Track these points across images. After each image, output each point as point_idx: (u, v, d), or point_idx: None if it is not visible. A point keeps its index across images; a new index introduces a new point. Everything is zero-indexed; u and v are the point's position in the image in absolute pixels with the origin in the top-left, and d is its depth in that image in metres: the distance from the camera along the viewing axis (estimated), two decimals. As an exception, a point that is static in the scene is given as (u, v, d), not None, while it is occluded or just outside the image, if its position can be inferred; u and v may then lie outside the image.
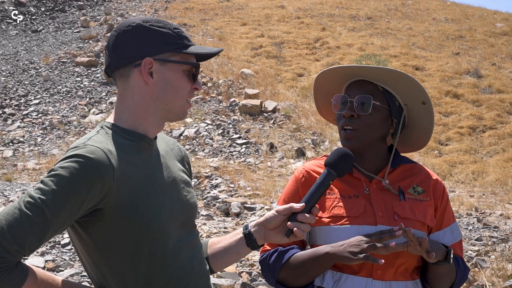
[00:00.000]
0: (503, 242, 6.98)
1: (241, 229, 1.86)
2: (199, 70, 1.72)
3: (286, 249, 1.96)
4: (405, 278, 1.94)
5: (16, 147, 12.58)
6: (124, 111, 1.68)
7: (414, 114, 2.07)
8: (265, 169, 10.48)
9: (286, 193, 2.03)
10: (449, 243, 2.00)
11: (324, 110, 2.21)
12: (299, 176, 2.04)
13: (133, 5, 23.27)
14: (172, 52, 1.66)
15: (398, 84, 2.01)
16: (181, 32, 1.70)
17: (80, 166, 1.50)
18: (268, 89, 15.42)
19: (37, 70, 16.98)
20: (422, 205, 1.98)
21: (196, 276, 1.71)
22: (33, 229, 1.45)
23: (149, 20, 1.68)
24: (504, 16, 24.60)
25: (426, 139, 2.11)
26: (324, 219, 1.95)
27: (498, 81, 16.73)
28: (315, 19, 22.92)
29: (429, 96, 2.05)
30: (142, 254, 1.60)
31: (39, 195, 1.47)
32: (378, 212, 1.93)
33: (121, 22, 1.71)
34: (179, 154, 1.84)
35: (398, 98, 2.04)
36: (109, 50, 1.67)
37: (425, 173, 2.06)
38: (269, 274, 1.98)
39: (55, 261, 5.94)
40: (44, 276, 1.54)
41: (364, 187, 1.98)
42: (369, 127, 1.97)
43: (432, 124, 2.07)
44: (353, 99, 1.98)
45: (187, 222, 1.73)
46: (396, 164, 2.04)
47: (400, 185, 2.00)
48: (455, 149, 13.34)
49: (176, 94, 1.67)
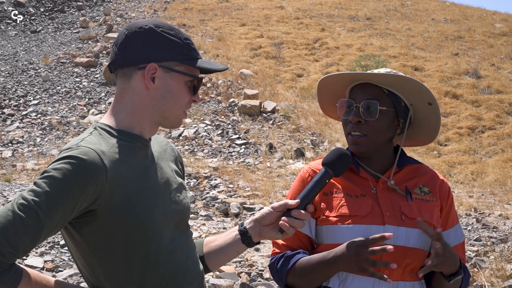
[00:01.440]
0: (502, 242, 6.98)
1: (237, 226, 1.86)
2: (201, 83, 1.73)
3: (293, 254, 1.95)
4: (412, 278, 1.93)
5: (15, 148, 12.57)
6: (121, 110, 1.68)
7: (421, 113, 2.07)
8: (264, 170, 10.47)
9: (293, 192, 2.03)
10: (453, 244, 2.00)
11: (328, 110, 2.20)
12: (305, 175, 2.04)
13: (132, 5, 23.27)
14: (178, 61, 1.66)
15: (403, 87, 2.00)
16: (191, 44, 1.70)
17: (73, 167, 1.50)
18: (267, 90, 15.42)
19: (36, 70, 16.98)
20: (429, 206, 1.98)
21: (190, 275, 1.71)
22: (27, 231, 1.46)
23: (162, 25, 1.68)
24: (503, 16, 24.61)
25: (433, 136, 2.12)
26: (331, 218, 1.94)
27: (497, 81, 16.74)
28: (314, 19, 22.92)
29: (435, 97, 2.04)
30: (135, 254, 1.61)
31: (32, 197, 1.47)
32: (386, 212, 1.93)
33: (133, 22, 1.71)
34: (172, 154, 1.84)
35: (403, 99, 2.03)
36: (117, 47, 1.67)
37: (431, 173, 2.06)
38: (278, 278, 1.98)
39: (54, 261, 5.93)
40: (38, 278, 1.54)
41: (371, 187, 1.98)
42: (376, 132, 1.97)
43: (439, 123, 2.07)
44: (359, 104, 1.97)
45: (180, 223, 1.73)
46: (403, 165, 2.03)
47: (407, 185, 2.00)
48: (454, 150, 13.34)
49: (175, 104, 1.68)
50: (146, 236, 1.61)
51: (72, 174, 1.50)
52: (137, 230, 1.59)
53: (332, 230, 1.94)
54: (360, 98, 1.98)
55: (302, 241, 1.98)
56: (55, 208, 1.48)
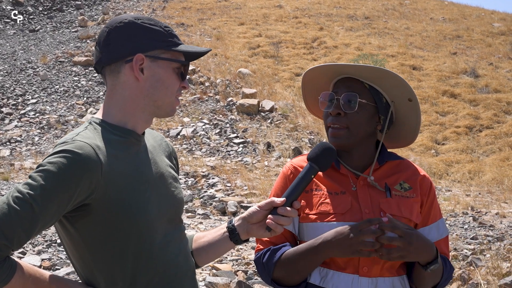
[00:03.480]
0: (499, 241, 7.00)
1: (226, 223, 1.87)
2: (188, 69, 1.74)
3: (279, 247, 1.96)
4: (391, 274, 1.94)
5: (14, 147, 12.57)
6: (113, 106, 1.69)
7: (402, 111, 2.08)
8: (262, 169, 10.49)
9: (275, 189, 2.04)
10: (435, 240, 2.00)
11: (312, 106, 2.22)
12: (287, 172, 2.05)
13: (130, 4, 23.26)
14: (163, 49, 1.68)
15: (384, 82, 2.02)
16: (171, 31, 1.72)
17: (68, 161, 1.51)
18: (265, 89, 15.43)
19: (34, 69, 16.97)
20: (409, 202, 1.98)
21: (181, 270, 1.72)
22: (22, 224, 1.46)
23: (141, 17, 1.70)
24: (502, 16, 24.64)
25: (413, 135, 2.12)
26: (311, 216, 1.95)
27: (495, 80, 16.77)
28: (312, 18, 22.93)
29: (415, 93, 2.06)
30: (129, 249, 1.61)
31: (27, 190, 1.48)
32: (365, 209, 1.94)
33: (112, 19, 1.72)
34: (166, 149, 1.85)
35: (385, 95, 2.05)
36: (100, 45, 1.68)
37: (412, 169, 2.06)
38: (264, 273, 1.98)
39: (52, 259, 5.95)
40: (32, 271, 1.55)
41: (351, 184, 1.99)
42: (356, 125, 1.98)
43: (419, 121, 2.08)
44: (340, 97, 1.99)
45: (174, 217, 1.74)
46: (383, 161, 2.04)
47: (387, 181, 2.01)
48: (452, 149, 13.37)
49: (166, 91, 1.69)
50: (140, 231, 1.61)
51: (67, 168, 1.50)
52: (131, 224, 1.60)
53: (312, 227, 1.95)
54: (341, 92, 2.01)
55: (286, 237, 1.98)
56: (50, 202, 1.49)
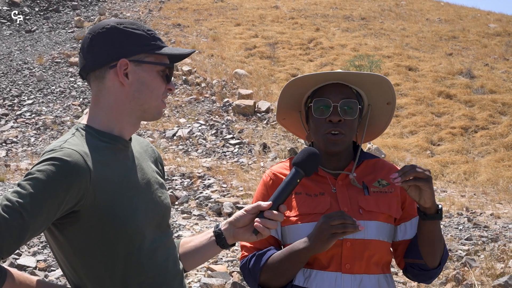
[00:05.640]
0: (493, 241, 7.03)
1: (213, 228, 1.89)
2: (172, 71, 1.75)
3: (264, 251, 1.98)
4: (377, 271, 1.96)
5: (9, 147, 12.57)
6: (99, 112, 1.69)
7: (375, 113, 2.15)
8: (258, 169, 10.51)
9: (257, 196, 2.07)
10: (410, 237, 2.03)
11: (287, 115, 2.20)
12: (267, 180, 2.08)
13: (127, 5, 23.25)
14: (146, 53, 1.69)
15: (370, 87, 2.06)
16: (155, 34, 1.72)
17: (57, 169, 1.51)
18: (261, 90, 15.45)
19: (30, 70, 16.96)
20: (387, 197, 2.02)
21: (170, 275, 1.73)
22: (11, 232, 1.46)
23: (123, 22, 1.70)
24: (497, 16, 24.71)
25: (379, 133, 2.21)
26: (292, 218, 1.98)
27: (490, 81, 16.81)
28: (309, 19, 22.96)
29: (395, 98, 2.11)
30: (118, 255, 1.62)
31: (16, 199, 1.48)
32: (344, 207, 1.97)
33: (95, 25, 1.73)
34: (152, 155, 1.86)
35: (365, 99, 2.11)
36: (84, 52, 1.69)
37: (389, 166, 2.10)
38: (251, 278, 1.99)
39: (47, 261, 5.96)
40: (22, 278, 1.55)
41: (330, 186, 2.02)
42: (352, 131, 2.02)
43: (389, 122, 2.16)
44: (337, 104, 2.00)
45: (161, 223, 1.75)
46: (360, 160, 2.08)
47: (364, 180, 2.04)
48: (447, 149, 13.40)
49: (151, 95, 1.70)
50: (128, 237, 1.62)
51: (56, 175, 1.51)
52: (120, 231, 1.61)
53: (293, 229, 1.98)
54: (336, 98, 2.01)
55: (270, 242, 2.00)
56: (40, 210, 1.49)
